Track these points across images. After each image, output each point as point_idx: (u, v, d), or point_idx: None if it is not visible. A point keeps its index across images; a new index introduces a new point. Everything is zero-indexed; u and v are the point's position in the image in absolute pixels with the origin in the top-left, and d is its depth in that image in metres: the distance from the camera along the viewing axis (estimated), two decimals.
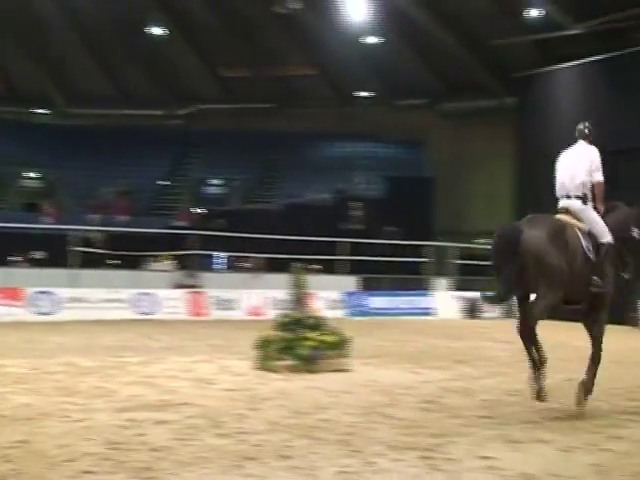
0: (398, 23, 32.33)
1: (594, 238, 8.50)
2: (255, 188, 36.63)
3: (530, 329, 8.21)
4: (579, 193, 8.67)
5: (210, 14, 34.65)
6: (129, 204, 33.53)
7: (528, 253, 7.98)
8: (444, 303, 26.33)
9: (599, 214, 8.72)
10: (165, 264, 25.88)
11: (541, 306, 8.13)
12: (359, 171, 35.66)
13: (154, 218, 32.41)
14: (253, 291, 24.56)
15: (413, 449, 6.56)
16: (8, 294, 21.34)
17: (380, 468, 5.98)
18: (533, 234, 8.07)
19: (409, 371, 11.80)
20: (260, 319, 20.98)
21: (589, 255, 8.38)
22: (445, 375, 11.47)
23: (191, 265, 25.58)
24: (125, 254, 24.67)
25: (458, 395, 9.59)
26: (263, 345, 11.60)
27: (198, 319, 22.99)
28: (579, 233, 8.44)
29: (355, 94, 37.32)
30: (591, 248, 8.41)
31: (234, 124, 36.78)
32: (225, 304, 24.07)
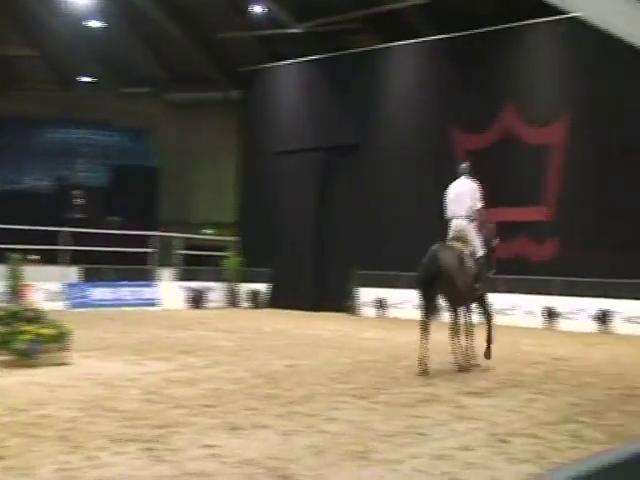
0: (124, 9, 31.59)
1: (474, 255, 11.67)
2: None
3: (429, 325, 11.06)
4: (464, 213, 11.79)
5: None
6: None
7: (445, 275, 11.06)
8: (169, 293, 26.24)
9: (477, 231, 11.95)
10: None
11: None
12: (82, 158, 34.61)
13: None
14: None
15: (136, 441, 6.53)
16: None
17: (102, 462, 5.89)
18: (447, 260, 11.13)
19: (132, 363, 11.66)
20: None
21: (474, 270, 11.56)
22: (169, 366, 11.47)
23: None
24: None
25: (182, 385, 9.65)
26: None
27: None
28: (468, 255, 11.55)
29: (78, 79, 36.10)
30: (474, 264, 11.56)
31: None
32: None
